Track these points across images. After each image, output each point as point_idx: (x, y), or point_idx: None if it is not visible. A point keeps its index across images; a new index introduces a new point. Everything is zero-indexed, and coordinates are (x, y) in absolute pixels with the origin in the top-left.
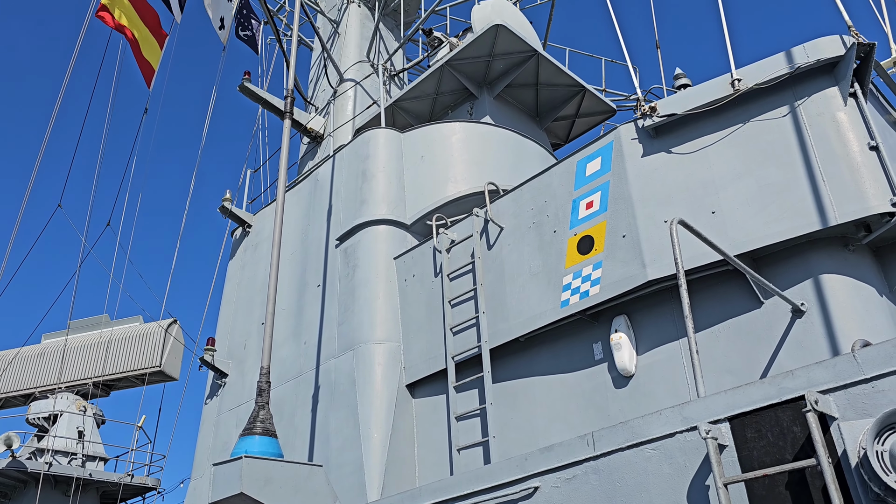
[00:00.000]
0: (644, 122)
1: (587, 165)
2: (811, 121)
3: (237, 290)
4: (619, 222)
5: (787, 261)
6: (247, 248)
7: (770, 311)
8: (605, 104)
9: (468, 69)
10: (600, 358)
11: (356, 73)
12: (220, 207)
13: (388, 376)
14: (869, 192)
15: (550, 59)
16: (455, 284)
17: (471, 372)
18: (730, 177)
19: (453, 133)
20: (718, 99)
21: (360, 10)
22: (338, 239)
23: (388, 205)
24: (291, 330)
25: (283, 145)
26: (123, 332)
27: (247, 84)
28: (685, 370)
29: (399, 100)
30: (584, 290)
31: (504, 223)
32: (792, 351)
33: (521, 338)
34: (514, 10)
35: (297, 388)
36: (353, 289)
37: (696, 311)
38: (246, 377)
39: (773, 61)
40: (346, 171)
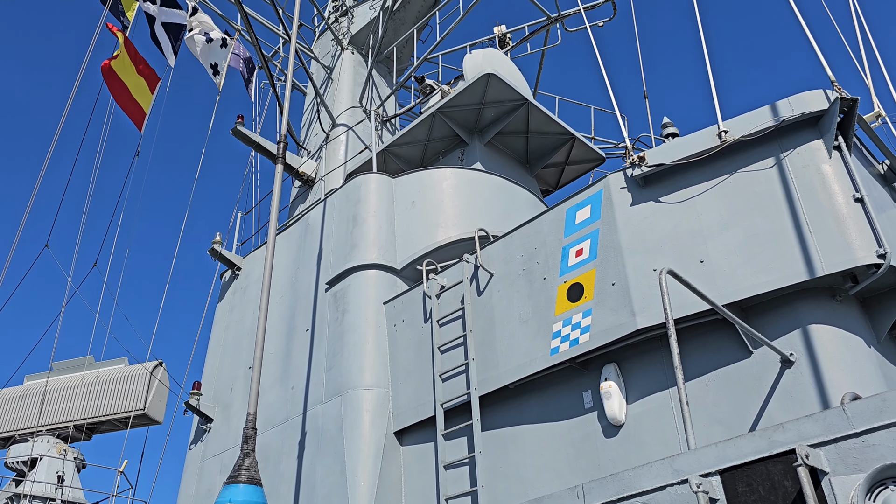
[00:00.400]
0: (633, 172)
1: (577, 213)
2: (797, 172)
3: (225, 333)
4: (609, 270)
5: (776, 311)
6: (236, 290)
7: (759, 360)
8: (595, 152)
9: (459, 116)
10: (590, 406)
11: (349, 119)
12: (210, 250)
13: (376, 423)
14: (855, 244)
15: (540, 108)
16: (445, 330)
17: (460, 419)
18: (718, 226)
19: (444, 179)
20: (706, 150)
21: (353, 57)
22: (327, 283)
23: (379, 249)
24: (279, 374)
25: (275, 189)
26: (107, 374)
27: (240, 128)
28: (675, 420)
29: (391, 145)
30: (574, 337)
31: (494, 269)
32: (782, 402)
33: (511, 385)
34: (504, 59)
35: (283, 434)
36: (342, 333)
37: (686, 360)
38: (231, 422)
39: (759, 114)
40: (337, 215)
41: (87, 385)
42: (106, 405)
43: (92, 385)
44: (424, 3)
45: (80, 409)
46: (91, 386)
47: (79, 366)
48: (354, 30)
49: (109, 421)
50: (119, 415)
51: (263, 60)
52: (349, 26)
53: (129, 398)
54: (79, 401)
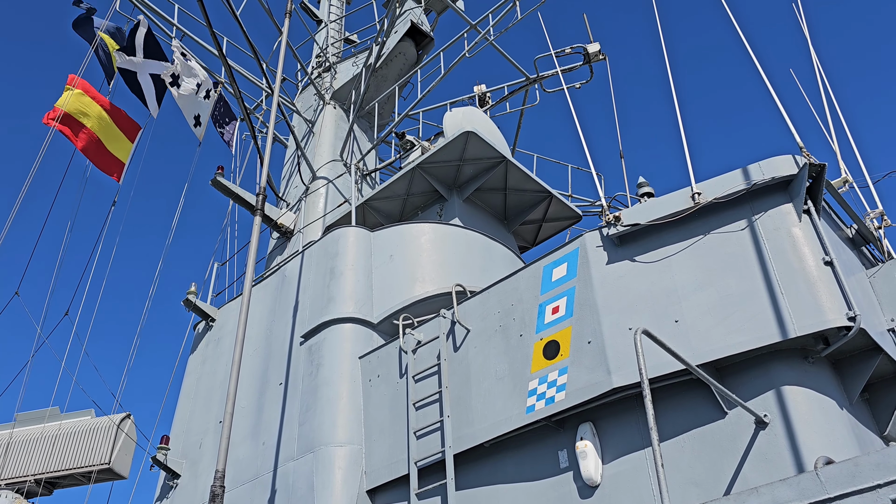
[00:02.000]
0: (609, 231)
1: (553, 270)
2: (768, 235)
3: (196, 386)
4: (585, 328)
5: (749, 371)
6: (209, 342)
7: (734, 421)
8: (571, 210)
9: (439, 172)
10: (566, 466)
11: (329, 172)
12: (184, 300)
13: (349, 481)
14: (826, 306)
15: (518, 166)
16: (420, 386)
17: (434, 478)
18: (692, 287)
19: (423, 234)
20: (680, 211)
21: (335, 112)
22: (303, 336)
23: (356, 303)
24: (250, 429)
25: (253, 240)
26: (72, 426)
27: (219, 178)
28: (651, 481)
29: (370, 199)
30: (550, 395)
31: (471, 325)
32: (756, 463)
33: (486, 443)
34: (484, 117)
35: (252, 492)
36: (316, 388)
37: (661, 420)
38: (199, 479)
39: (731, 177)
40: (315, 267)
41: (50, 437)
42: (69, 459)
43: (55, 437)
44: (406, 61)
45: (41, 462)
46: (54, 438)
47: (43, 417)
48: (337, 85)
49: (72, 475)
50: (82, 469)
51: (245, 113)
52: (332, 81)
53: (94, 452)
54: (41, 453)
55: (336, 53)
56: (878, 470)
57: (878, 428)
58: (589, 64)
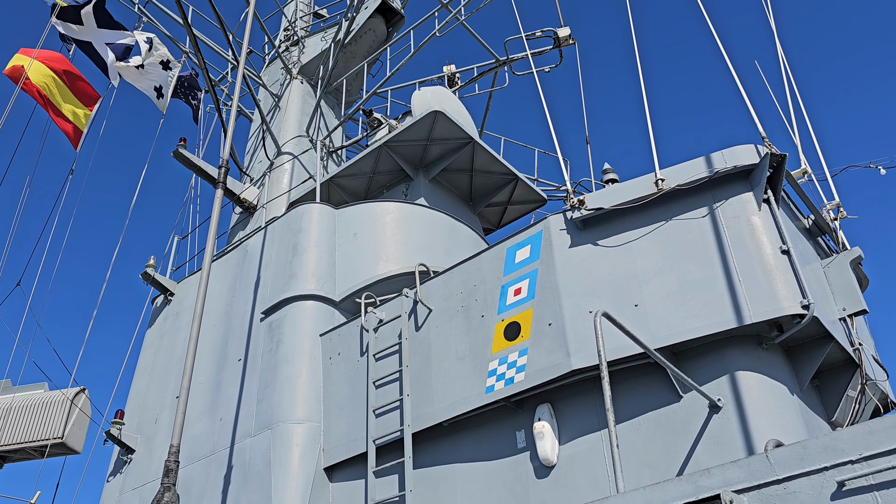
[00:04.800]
0: (573, 214)
1: (517, 252)
2: (728, 223)
3: (153, 361)
4: (546, 310)
5: (705, 356)
6: (167, 316)
7: (688, 405)
8: (537, 193)
9: (405, 151)
10: (523, 446)
11: (294, 148)
12: (143, 273)
13: (306, 458)
14: (781, 294)
15: (486, 147)
16: (380, 365)
17: (392, 456)
18: (652, 272)
19: (387, 213)
20: (643, 196)
21: (302, 87)
22: (263, 313)
23: (318, 280)
24: (207, 405)
25: (214, 214)
26: (24, 400)
27: (181, 150)
28: (606, 462)
29: (335, 176)
30: (510, 376)
31: (433, 305)
32: (709, 446)
33: (445, 423)
34: (452, 98)
35: (208, 468)
36: (276, 365)
37: (618, 402)
38: (154, 454)
39: (694, 164)
40: (277, 243)
41: (0, 410)
42: (21, 432)
43: (6, 410)
44: (376, 38)
45: None
46: (5, 411)
47: None
48: (305, 60)
49: (23, 449)
50: (34, 443)
51: (210, 84)
52: (300, 56)
53: (47, 426)
54: None
55: (305, 27)
56: (825, 453)
57: (826, 414)
58: (559, 48)
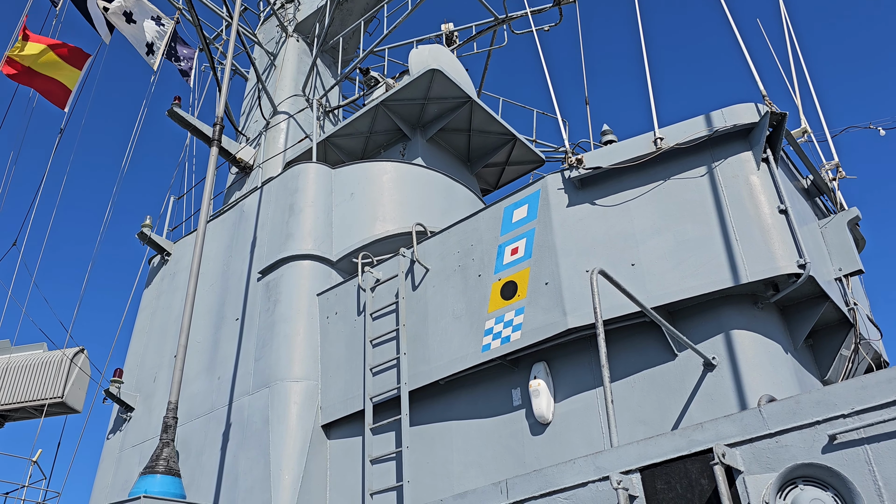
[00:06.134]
0: (570, 174)
1: (514, 212)
2: (727, 182)
3: (151, 320)
4: (543, 270)
5: (701, 315)
6: (164, 276)
7: (683, 363)
8: (535, 154)
9: (403, 111)
10: (518, 404)
11: (290, 107)
12: (139, 233)
13: (304, 416)
14: (778, 253)
15: (484, 107)
16: (378, 324)
17: (389, 414)
18: (649, 231)
19: (384, 172)
20: (641, 155)
21: (298, 45)
22: (260, 272)
23: (315, 240)
24: (205, 364)
25: (209, 172)
26: (23, 360)
27: (176, 109)
28: (601, 419)
29: (332, 136)
30: (506, 335)
31: (430, 265)
32: (703, 403)
33: (441, 381)
34: (450, 56)
35: (206, 426)
36: (273, 324)
37: (613, 360)
38: (153, 412)
39: (693, 123)
40: (274, 203)
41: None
42: (20, 392)
43: (6, 370)
44: None
45: None
46: (4, 371)
47: None
48: (300, 17)
49: (24, 408)
50: (34, 402)
51: (205, 42)
52: (295, 13)
53: (46, 385)
54: None
55: None
56: (817, 407)
57: (819, 373)
58: (559, 6)
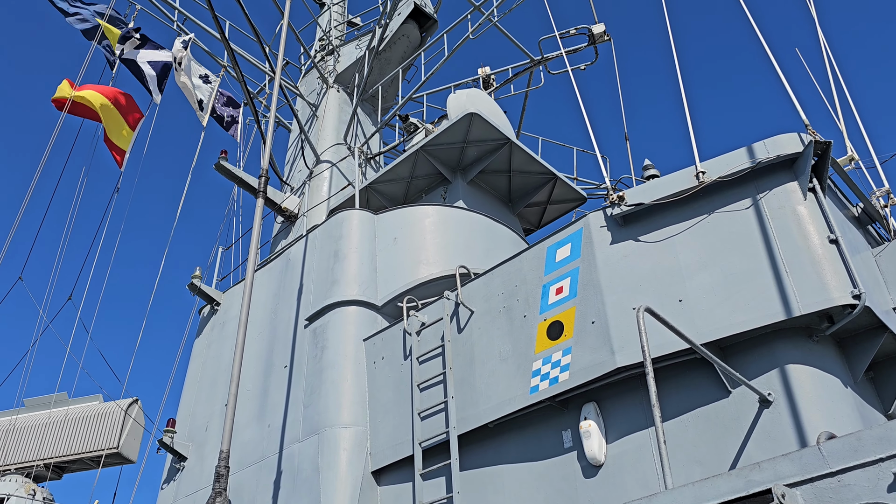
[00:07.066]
0: (612, 211)
1: (557, 251)
2: (773, 213)
3: (202, 370)
4: (589, 308)
5: (754, 350)
6: (214, 326)
7: (738, 400)
8: (576, 192)
9: (442, 154)
10: (570, 446)
11: (333, 155)
12: (189, 284)
13: (354, 462)
14: (831, 284)
15: (523, 148)
16: (424, 368)
17: (438, 459)
18: (696, 266)
19: (426, 216)
20: (683, 190)
21: (338, 95)
22: (307, 319)
23: (360, 286)
24: (255, 412)
25: (255, 223)
26: (80, 411)
27: (223, 162)
28: (655, 460)
29: (374, 182)
30: (554, 376)
31: (475, 307)
32: (760, 441)
33: (490, 424)
34: (488, 99)
35: (258, 474)
36: (321, 370)
37: (665, 399)
38: (206, 461)
39: (736, 155)
40: (319, 251)
41: (58, 422)
42: (78, 443)
43: (64, 422)
44: (410, 43)
45: (50, 447)
46: (63, 423)
47: (51, 402)
48: (340, 68)
49: (81, 459)
50: (91, 453)
51: (249, 97)
52: (335, 65)
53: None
54: (50, 438)
55: (339, 36)
56: (880, 444)
57: (882, 406)
58: (594, 45)
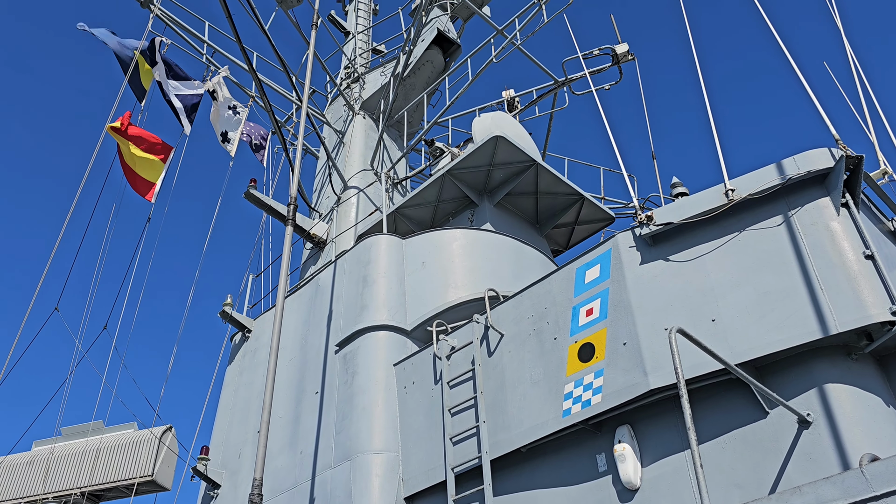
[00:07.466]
0: (641, 231)
1: (586, 272)
2: (805, 230)
3: (234, 397)
4: (620, 330)
5: (791, 370)
6: (246, 353)
7: (776, 421)
8: (604, 212)
9: (469, 178)
10: (604, 470)
11: (360, 181)
12: (221, 312)
13: (386, 488)
14: (868, 301)
15: (549, 169)
16: (455, 392)
17: (471, 484)
18: (728, 285)
19: (454, 240)
20: (713, 208)
21: (364, 122)
22: (337, 345)
23: (389, 310)
24: (288, 439)
25: (285, 250)
26: (115, 440)
27: (252, 191)
28: (692, 483)
29: (401, 207)
30: (586, 398)
31: (504, 330)
32: (800, 463)
33: (523, 448)
34: (513, 121)
35: (291, 500)
36: (352, 396)
37: (701, 421)
38: (239, 489)
39: (765, 172)
40: (348, 276)
41: (93, 451)
42: (113, 471)
43: (99, 451)
44: (434, 69)
45: (87, 475)
46: (98, 452)
47: (88, 431)
48: (366, 95)
49: (117, 487)
50: (126, 481)
51: (276, 126)
52: (360, 92)
53: (137, 464)
54: (86, 467)
55: (364, 64)
56: None
57: None
58: (618, 65)
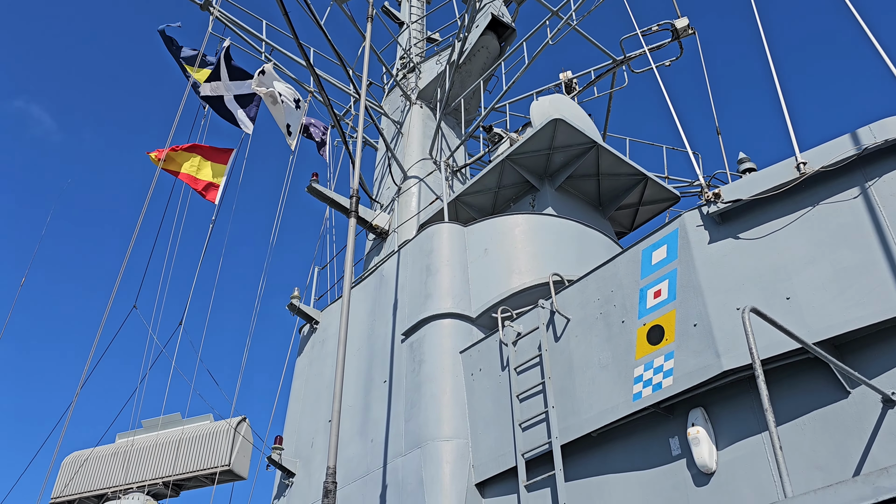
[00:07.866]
0: (709, 209)
1: (653, 254)
2: (884, 201)
3: (305, 387)
4: (690, 311)
5: (872, 347)
6: (314, 344)
7: (858, 400)
8: (669, 191)
9: (528, 162)
10: (678, 454)
11: (419, 171)
12: (289, 304)
13: (457, 475)
14: None
15: (610, 150)
16: (522, 378)
17: (542, 469)
18: (803, 261)
19: (516, 225)
20: (784, 183)
21: (422, 111)
22: (403, 334)
23: (453, 298)
24: (358, 427)
25: (349, 242)
26: (193, 431)
27: (314, 185)
28: (770, 466)
29: (461, 194)
30: (657, 381)
31: (570, 314)
32: (886, 444)
33: (594, 433)
34: (571, 104)
35: (364, 488)
36: (420, 384)
37: (778, 402)
38: (313, 477)
39: (839, 143)
40: (411, 266)
41: (174, 442)
42: (192, 461)
43: (179, 442)
44: (489, 54)
45: (168, 465)
46: (178, 443)
47: (167, 423)
48: (422, 84)
49: (196, 477)
50: (205, 471)
51: (335, 119)
52: (417, 81)
53: (215, 454)
54: (167, 457)
55: (419, 53)
56: None
57: None
58: (678, 40)
